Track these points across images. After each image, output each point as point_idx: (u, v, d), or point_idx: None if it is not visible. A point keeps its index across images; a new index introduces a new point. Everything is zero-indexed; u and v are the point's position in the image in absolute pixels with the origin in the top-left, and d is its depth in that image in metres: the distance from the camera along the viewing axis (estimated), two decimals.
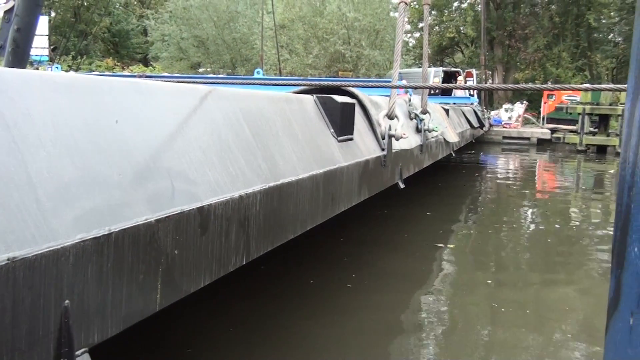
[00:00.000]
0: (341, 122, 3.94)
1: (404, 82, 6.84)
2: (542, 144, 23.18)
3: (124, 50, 47.58)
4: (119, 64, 42.59)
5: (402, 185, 5.26)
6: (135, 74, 13.34)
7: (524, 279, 5.71)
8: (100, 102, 1.91)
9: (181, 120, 2.32)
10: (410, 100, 6.28)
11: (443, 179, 12.25)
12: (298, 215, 3.06)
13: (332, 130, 3.85)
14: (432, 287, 5.27)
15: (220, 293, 3.89)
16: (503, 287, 5.35)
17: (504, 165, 17.88)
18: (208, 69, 37.94)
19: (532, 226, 8.41)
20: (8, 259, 1.33)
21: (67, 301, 1.51)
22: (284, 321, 4.22)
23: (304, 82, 6.34)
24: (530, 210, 9.76)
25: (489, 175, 14.52)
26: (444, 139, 7.98)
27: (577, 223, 8.90)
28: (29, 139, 1.58)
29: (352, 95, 4.70)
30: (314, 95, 3.89)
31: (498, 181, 13.66)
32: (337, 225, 3.99)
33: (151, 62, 45.26)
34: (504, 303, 4.88)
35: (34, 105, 1.64)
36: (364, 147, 4.36)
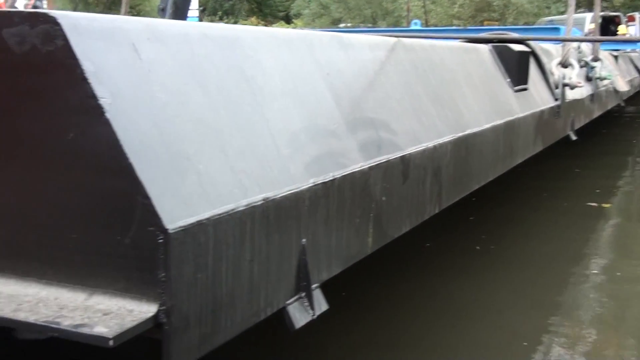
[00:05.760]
0: (517, 71, 3.83)
1: (575, 29, 6.44)
2: None
3: (267, 9, 48.86)
4: (262, 22, 43.83)
5: (573, 137, 5.04)
6: None
7: None
8: (314, 55, 2.01)
9: (378, 71, 2.38)
10: (579, 47, 5.93)
11: (609, 131, 11.42)
12: (481, 166, 3.06)
13: (508, 80, 3.76)
14: (589, 260, 4.26)
15: None
16: None
17: None
18: (349, 24, 38.00)
19: None
20: (263, 199, 1.47)
21: (304, 240, 1.64)
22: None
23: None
24: None
25: None
26: (614, 87, 7.48)
27: None
28: (264, 91, 1.71)
29: (524, 44, 4.53)
30: (490, 44, 3.80)
31: None
32: None
33: (293, 19, 46.11)
34: None
35: (264, 59, 1.77)
36: (538, 97, 4.22)
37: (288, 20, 46.93)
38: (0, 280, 1.35)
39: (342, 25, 39.36)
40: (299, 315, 1.61)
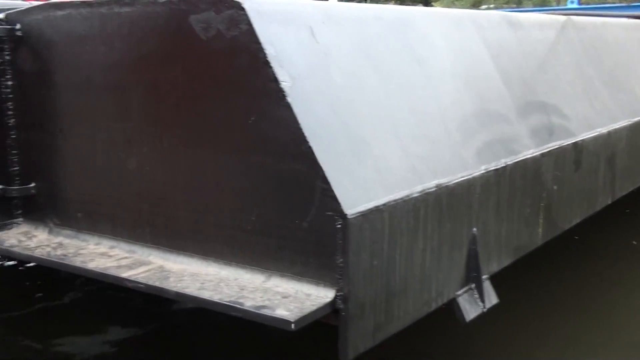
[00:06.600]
0: None
1: None
2: None
3: None
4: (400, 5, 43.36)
5: None
6: None
7: None
8: (484, 35, 1.91)
9: (548, 52, 2.24)
10: None
11: None
12: None
13: None
14: None
15: None
16: None
17: None
18: (491, 6, 36.54)
19: None
20: (436, 186, 1.41)
21: (474, 229, 1.57)
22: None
23: None
24: None
25: None
26: None
27: None
28: (435, 73, 1.64)
29: None
30: None
31: None
32: None
33: (432, 3, 45.24)
34: None
35: (435, 40, 1.71)
36: None
37: (427, 3, 46.12)
38: (183, 259, 1.41)
39: (483, 7, 37.87)
40: (469, 308, 1.54)
